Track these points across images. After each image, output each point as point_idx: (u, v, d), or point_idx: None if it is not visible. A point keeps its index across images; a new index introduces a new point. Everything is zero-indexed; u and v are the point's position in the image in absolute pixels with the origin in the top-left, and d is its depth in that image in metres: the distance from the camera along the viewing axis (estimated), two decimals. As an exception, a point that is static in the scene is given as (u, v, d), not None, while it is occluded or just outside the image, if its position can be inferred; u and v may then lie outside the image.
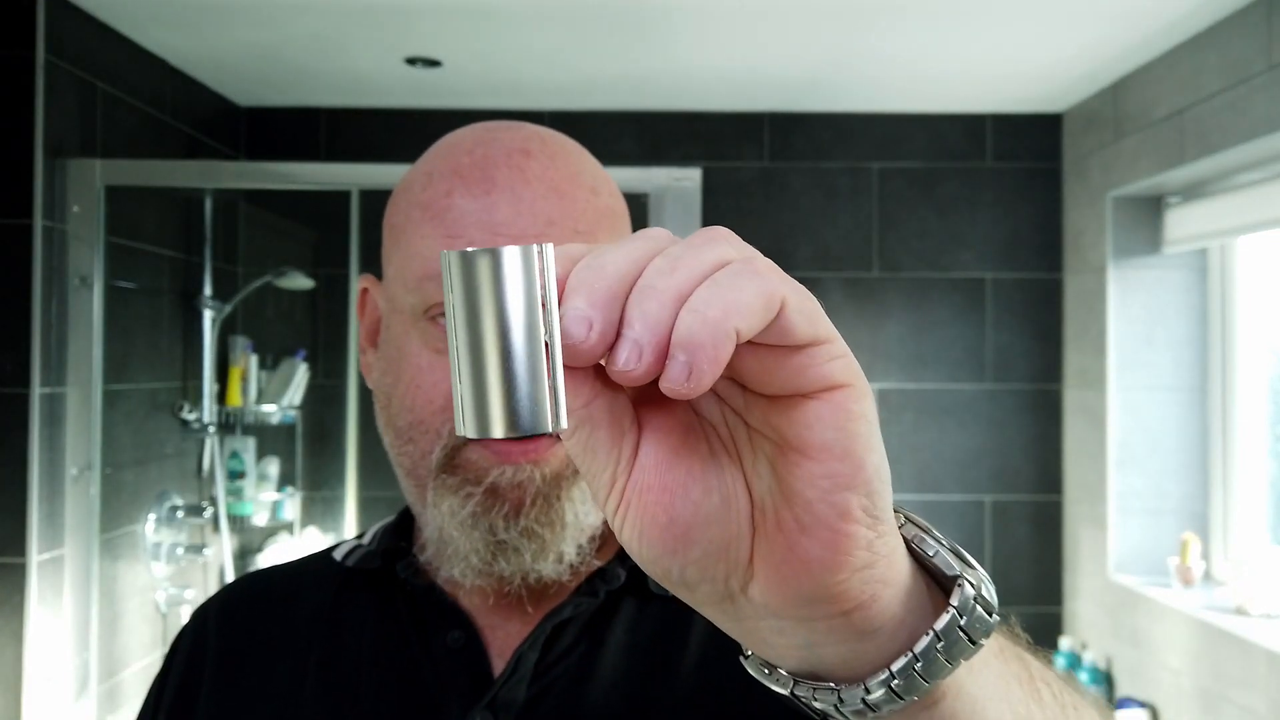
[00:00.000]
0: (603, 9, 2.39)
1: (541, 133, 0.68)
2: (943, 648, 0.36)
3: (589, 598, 0.68)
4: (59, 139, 2.25)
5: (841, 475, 0.33)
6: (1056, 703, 0.44)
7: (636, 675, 0.66)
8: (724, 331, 0.30)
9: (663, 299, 0.31)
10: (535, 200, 0.63)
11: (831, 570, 0.34)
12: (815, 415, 0.33)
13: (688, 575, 0.35)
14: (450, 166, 0.65)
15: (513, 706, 0.64)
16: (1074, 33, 2.52)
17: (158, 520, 2.62)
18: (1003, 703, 0.40)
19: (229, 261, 3.02)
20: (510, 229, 0.62)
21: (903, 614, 0.36)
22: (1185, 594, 2.61)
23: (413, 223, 0.65)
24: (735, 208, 3.24)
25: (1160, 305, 2.89)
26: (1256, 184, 2.50)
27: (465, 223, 0.62)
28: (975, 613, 0.36)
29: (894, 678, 0.36)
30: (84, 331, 2.27)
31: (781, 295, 0.33)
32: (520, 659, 0.65)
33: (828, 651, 0.36)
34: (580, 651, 0.66)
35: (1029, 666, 0.44)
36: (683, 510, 0.34)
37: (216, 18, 2.47)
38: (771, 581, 0.35)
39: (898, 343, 3.24)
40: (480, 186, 0.63)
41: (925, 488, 3.23)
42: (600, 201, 0.66)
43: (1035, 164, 3.25)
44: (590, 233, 0.64)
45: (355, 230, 2.72)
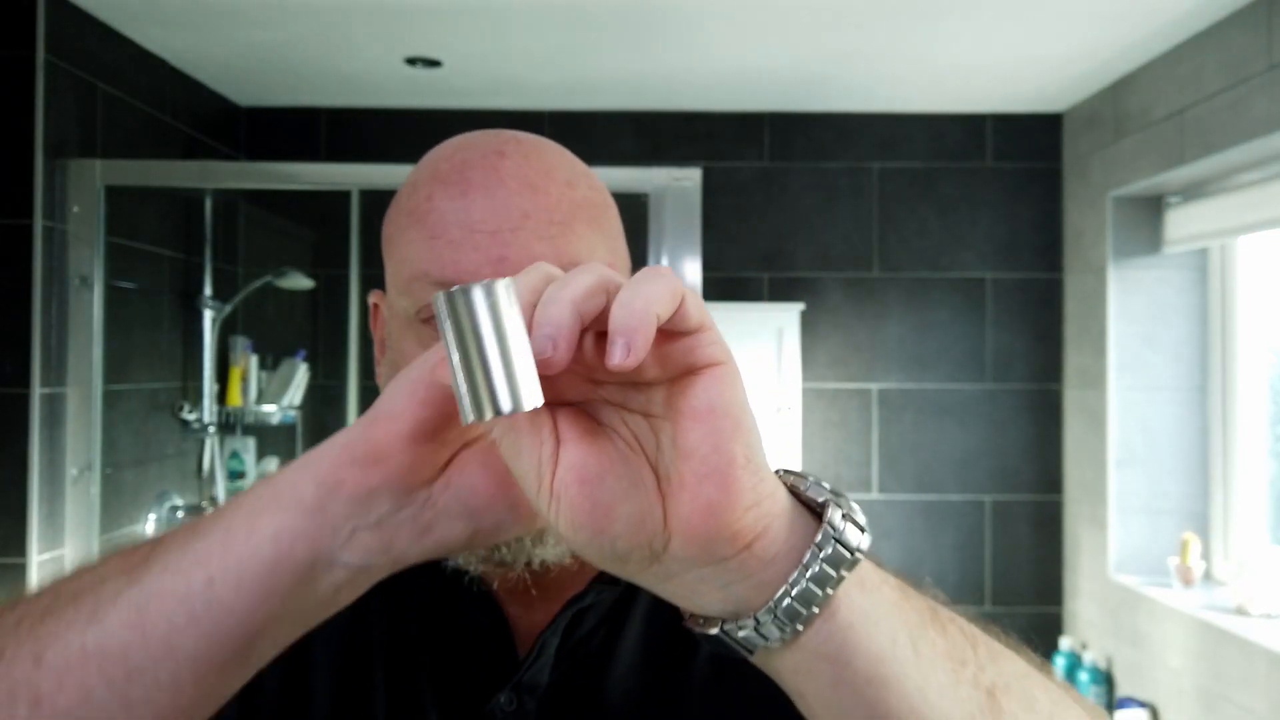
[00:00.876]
0: (603, 9, 2.39)
1: (519, 135, 0.70)
2: (826, 558, 0.44)
3: (610, 585, 0.70)
4: (59, 139, 2.25)
5: (725, 430, 0.42)
6: (967, 640, 0.49)
7: (655, 661, 0.69)
8: (649, 315, 0.39)
9: (563, 305, 0.40)
10: (509, 197, 0.65)
11: (727, 509, 0.42)
12: (706, 384, 0.42)
13: (618, 548, 0.43)
14: (430, 174, 0.67)
15: (537, 689, 0.67)
16: (1074, 33, 2.52)
17: (158, 520, 2.62)
18: (896, 620, 0.46)
19: (229, 261, 3.02)
20: (486, 225, 0.64)
21: (794, 541, 0.44)
22: (1185, 594, 2.61)
23: (400, 230, 0.68)
24: (735, 208, 3.24)
25: (1160, 305, 2.89)
26: (1256, 184, 2.50)
27: (445, 223, 0.65)
28: (847, 529, 0.44)
29: (792, 588, 0.44)
30: (84, 332, 2.27)
31: (681, 291, 0.41)
32: (544, 643, 0.68)
33: (741, 587, 0.44)
34: (601, 637, 0.70)
35: (938, 611, 0.50)
36: (601, 495, 0.43)
37: (217, 18, 2.47)
38: (684, 534, 0.43)
39: (898, 343, 3.24)
40: (457, 188, 0.65)
41: (925, 488, 3.23)
42: (576, 194, 0.67)
43: (1035, 164, 3.25)
44: (566, 224, 0.66)
45: (355, 230, 2.72)
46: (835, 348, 3.23)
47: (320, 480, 0.46)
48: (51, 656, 0.45)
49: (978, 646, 0.50)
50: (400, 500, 0.46)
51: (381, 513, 0.46)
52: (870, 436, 3.24)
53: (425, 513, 0.47)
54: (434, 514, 0.47)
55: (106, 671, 0.45)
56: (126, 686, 0.45)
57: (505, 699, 0.67)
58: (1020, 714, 0.49)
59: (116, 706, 0.45)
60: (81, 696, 0.45)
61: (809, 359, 3.19)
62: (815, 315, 3.20)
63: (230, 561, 0.46)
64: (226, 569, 0.46)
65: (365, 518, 0.46)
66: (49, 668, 0.45)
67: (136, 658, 0.45)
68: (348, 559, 0.46)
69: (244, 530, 0.46)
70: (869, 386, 3.24)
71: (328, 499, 0.46)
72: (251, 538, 0.46)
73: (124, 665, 0.45)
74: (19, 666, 0.45)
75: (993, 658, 0.51)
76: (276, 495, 0.47)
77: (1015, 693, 0.49)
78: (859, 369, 3.24)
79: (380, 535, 0.47)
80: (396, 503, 0.46)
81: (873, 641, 0.45)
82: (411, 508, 0.47)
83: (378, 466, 0.46)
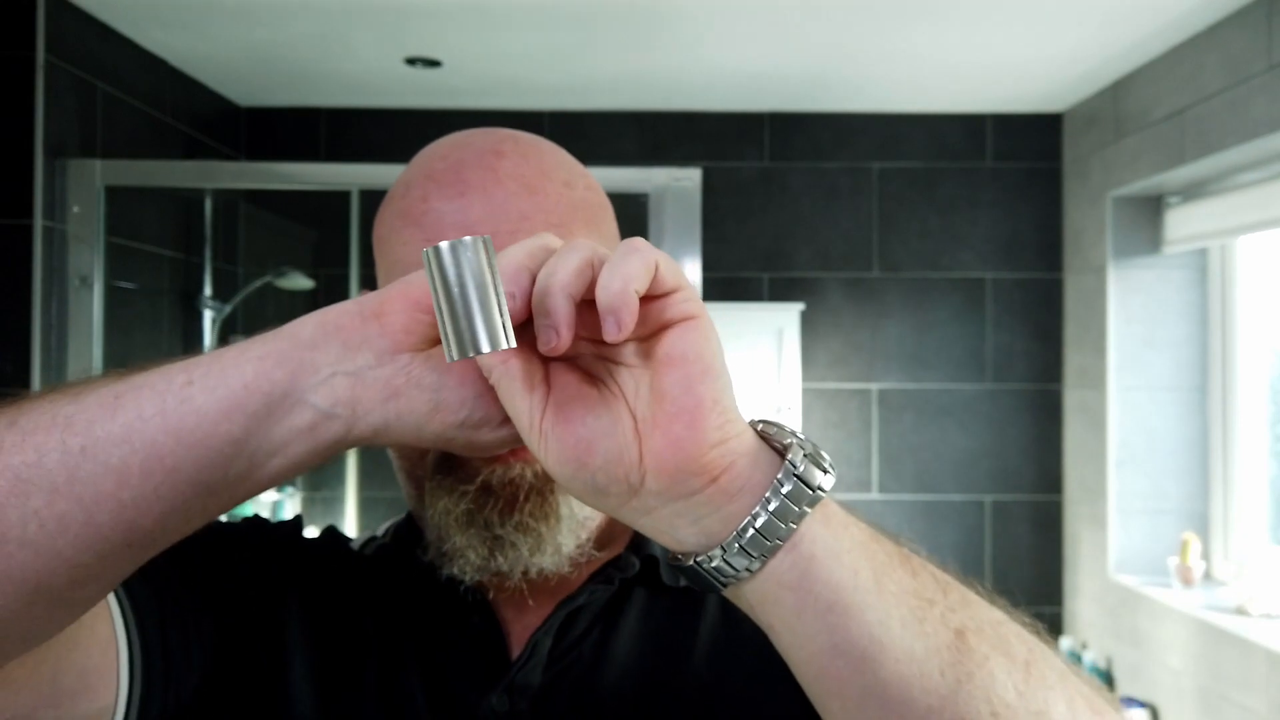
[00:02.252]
0: (603, 9, 2.40)
1: (515, 134, 0.69)
2: (787, 493, 0.47)
3: (603, 585, 0.70)
4: (59, 139, 2.25)
5: (695, 374, 0.46)
6: (938, 585, 0.51)
7: (648, 662, 0.69)
8: (629, 294, 0.44)
9: (558, 297, 0.45)
10: (507, 198, 0.64)
11: (694, 444, 0.46)
12: (678, 335, 0.47)
13: (598, 480, 0.48)
14: (425, 173, 0.67)
15: (529, 689, 0.67)
16: (1074, 33, 2.53)
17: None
18: (860, 555, 0.49)
19: (229, 262, 3.02)
20: (484, 227, 0.64)
21: (758, 478, 0.48)
22: (1185, 594, 2.61)
23: (394, 231, 0.67)
24: (735, 208, 3.24)
25: (1160, 305, 2.89)
26: (1256, 184, 2.50)
27: (442, 225, 0.64)
28: (809, 468, 0.48)
29: (755, 520, 0.47)
30: (84, 332, 2.27)
31: (654, 260, 0.45)
32: (536, 644, 0.68)
33: (711, 520, 0.48)
34: (594, 638, 0.69)
35: (910, 557, 0.52)
36: (583, 432, 0.48)
37: (217, 18, 2.47)
38: (656, 468, 0.47)
39: (897, 343, 3.24)
40: (454, 189, 0.65)
41: (925, 488, 3.23)
42: (574, 194, 0.67)
43: (1035, 164, 3.25)
44: (564, 224, 0.65)
45: (355, 230, 2.72)
46: (835, 348, 3.24)
47: (322, 321, 0.49)
48: (24, 421, 0.47)
49: (949, 591, 0.51)
50: (382, 358, 0.49)
51: (362, 364, 0.49)
52: (870, 436, 3.24)
53: (398, 377, 0.49)
54: (405, 380, 0.49)
55: (66, 439, 0.46)
56: (79, 458, 0.46)
57: (497, 700, 0.66)
58: (991, 655, 0.49)
59: (62, 476, 0.45)
60: (36, 458, 0.45)
61: (809, 359, 3.19)
62: (815, 315, 3.20)
63: (214, 369, 0.48)
64: (209, 375, 0.48)
65: (346, 364, 0.49)
66: (18, 429, 0.47)
67: (98, 432, 0.46)
68: (316, 400, 0.48)
69: (236, 350, 0.49)
70: (869, 386, 3.24)
71: (322, 339, 0.49)
72: (240, 355, 0.49)
73: (84, 437, 0.46)
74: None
75: (966, 603, 0.51)
76: (279, 331, 0.50)
77: (988, 635, 0.50)
78: (859, 369, 3.24)
79: (352, 386, 0.49)
80: (379, 358, 0.49)
81: (833, 573, 0.48)
82: (389, 368, 0.49)
83: (377, 320, 0.49)
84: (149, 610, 0.62)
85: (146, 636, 0.61)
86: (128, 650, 0.60)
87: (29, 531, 0.45)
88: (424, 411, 0.50)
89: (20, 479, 0.45)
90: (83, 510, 0.46)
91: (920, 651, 0.48)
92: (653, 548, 0.73)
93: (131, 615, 0.61)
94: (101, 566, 0.47)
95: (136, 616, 0.61)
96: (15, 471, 0.45)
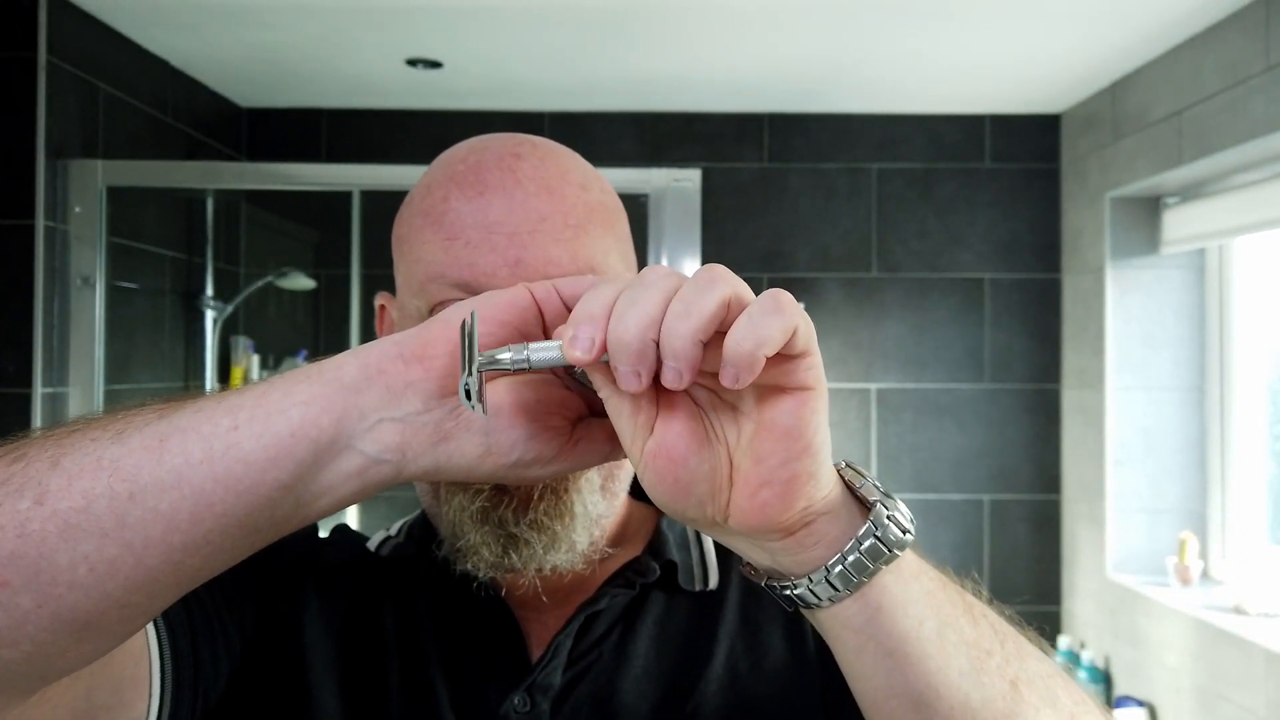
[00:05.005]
0: (603, 10, 2.40)
1: (533, 139, 0.70)
2: (865, 549, 0.49)
3: (624, 589, 0.71)
4: (61, 140, 2.26)
5: (795, 451, 0.47)
6: (996, 635, 0.53)
7: (667, 664, 0.70)
8: (757, 357, 0.44)
9: (687, 341, 0.44)
10: (527, 199, 0.65)
11: (779, 513, 0.48)
12: (791, 406, 0.47)
13: (687, 514, 0.50)
14: (446, 175, 0.67)
15: (549, 690, 0.68)
16: (1072, 33, 2.53)
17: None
18: (926, 607, 0.51)
19: (230, 262, 3.03)
20: (503, 227, 0.64)
21: (836, 533, 0.50)
22: (1183, 593, 2.61)
23: (415, 230, 0.68)
24: (735, 208, 3.25)
25: (1158, 305, 2.90)
26: (1254, 184, 2.50)
27: (462, 224, 0.65)
28: (889, 528, 0.49)
29: (828, 572, 0.49)
30: (86, 332, 2.28)
31: (795, 324, 0.45)
32: (557, 646, 0.69)
33: (785, 560, 0.51)
34: (613, 640, 0.70)
35: (973, 606, 0.54)
36: (681, 475, 0.49)
37: (218, 19, 2.48)
38: (739, 519, 0.49)
39: (896, 343, 3.25)
40: (474, 189, 0.65)
41: (924, 487, 3.23)
42: (590, 197, 0.68)
43: (1034, 164, 3.26)
44: (581, 226, 0.66)
45: (356, 231, 2.72)
46: (834, 347, 3.24)
47: (364, 364, 0.49)
48: (68, 463, 0.46)
49: (1006, 642, 0.53)
50: (430, 402, 0.49)
51: (409, 410, 0.49)
52: (869, 436, 3.24)
53: (448, 421, 0.49)
54: (455, 424, 0.49)
55: (113, 485, 0.46)
56: (128, 504, 0.46)
57: (519, 701, 0.67)
58: (1041, 707, 0.51)
59: (111, 522, 0.45)
60: (84, 503, 0.45)
61: (808, 359, 3.19)
62: (814, 315, 3.19)
63: (259, 414, 0.48)
64: (254, 419, 0.47)
65: (393, 410, 0.49)
66: (63, 470, 0.46)
67: (145, 478, 0.46)
68: (364, 446, 0.48)
69: (280, 393, 0.48)
70: (868, 386, 3.25)
71: (365, 383, 0.48)
72: (284, 399, 0.48)
73: (131, 483, 0.46)
74: (35, 465, 0.46)
75: (1020, 655, 0.54)
76: (320, 371, 0.49)
77: (1038, 688, 0.52)
78: (858, 369, 3.25)
79: (401, 431, 0.49)
80: (426, 404, 0.49)
81: (897, 623, 0.50)
82: (438, 412, 0.49)
83: (420, 364, 0.49)
84: (178, 618, 0.62)
85: (177, 644, 0.62)
86: (159, 659, 0.60)
87: (79, 575, 0.45)
88: (475, 455, 0.50)
89: (69, 525, 0.45)
90: (132, 555, 0.46)
91: (976, 701, 0.50)
92: (671, 552, 0.74)
93: (162, 624, 0.61)
94: (150, 604, 0.48)
95: (167, 625, 0.61)
96: (64, 517, 0.45)
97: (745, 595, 0.74)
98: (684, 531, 0.77)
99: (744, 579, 0.73)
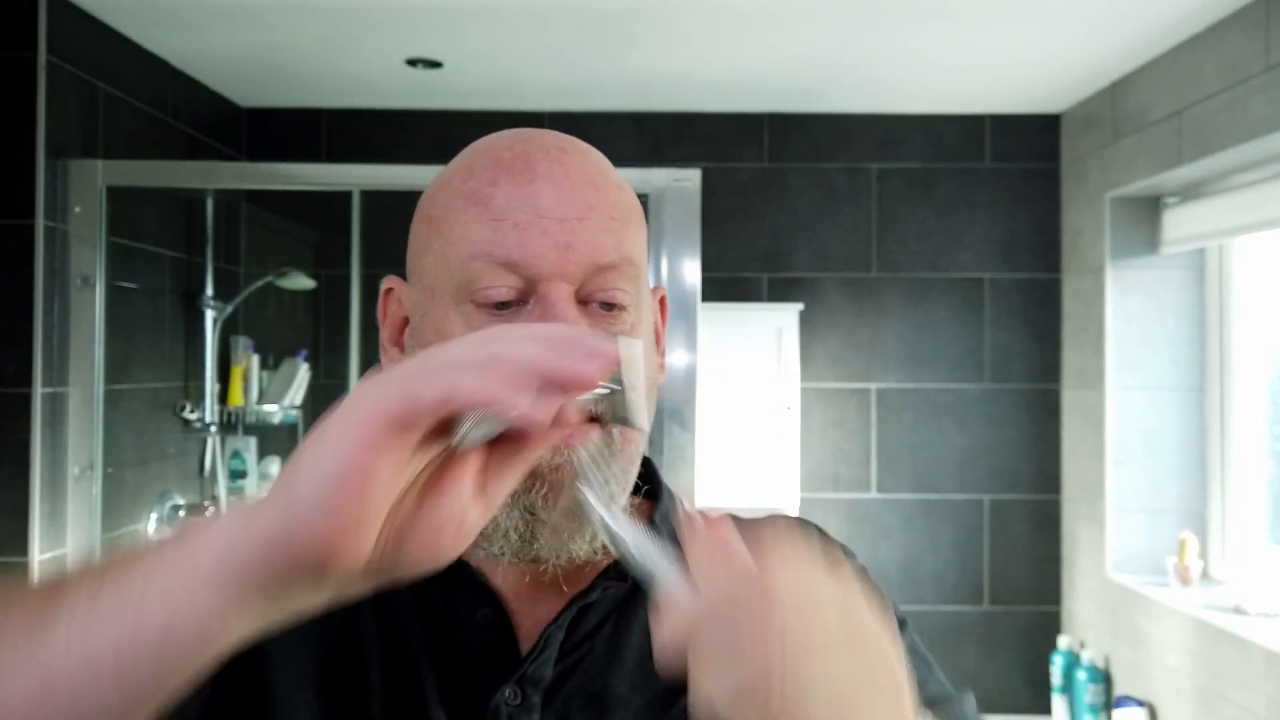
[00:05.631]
0: (603, 10, 2.40)
1: (572, 138, 0.72)
2: None
3: (617, 582, 0.71)
4: (61, 140, 2.26)
5: None
6: None
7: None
8: None
9: None
10: (575, 189, 0.66)
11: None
12: None
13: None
14: (491, 159, 0.68)
15: (541, 682, 0.67)
16: (1072, 33, 2.53)
17: (159, 520, 2.63)
18: None
19: (230, 262, 3.03)
20: (554, 213, 0.65)
21: None
22: (1183, 593, 2.61)
23: (455, 211, 0.67)
24: (735, 208, 3.25)
25: (1158, 305, 2.90)
26: (1254, 184, 2.50)
27: (511, 206, 0.65)
28: None
29: None
30: (86, 331, 2.28)
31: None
32: (549, 638, 0.69)
33: None
34: (606, 633, 0.70)
35: None
36: None
37: (218, 19, 2.48)
38: None
39: (896, 343, 3.25)
40: (524, 175, 0.66)
41: (924, 487, 3.23)
42: (627, 198, 0.71)
43: (1034, 164, 3.26)
44: (623, 220, 0.68)
45: (356, 230, 2.72)
46: (834, 348, 3.24)
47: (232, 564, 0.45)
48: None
49: None
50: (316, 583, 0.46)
51: (294, 591, 0.46)
52: (869, 436, 3.24)
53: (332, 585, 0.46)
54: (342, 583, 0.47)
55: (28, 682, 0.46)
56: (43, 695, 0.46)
57: (510, 693, 0.67)
58: None
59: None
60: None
61: (808, 359, 3.20)
62: (814, 315, 3.21)
63: (129, 628, 0.45)
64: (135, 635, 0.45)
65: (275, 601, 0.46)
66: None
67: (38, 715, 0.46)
68: (244, 629, 0.46)
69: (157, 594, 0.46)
70: (868, 386, 3.25)
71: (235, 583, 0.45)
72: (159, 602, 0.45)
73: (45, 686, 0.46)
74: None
75: None
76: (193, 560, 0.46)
77: None
78: (858, 369, 3.25)
79: (284, 607, 0.46)
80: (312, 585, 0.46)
81: None
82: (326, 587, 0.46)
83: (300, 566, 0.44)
84: None
85: None
86: None
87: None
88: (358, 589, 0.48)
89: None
90: None
91: None
92: (667, 545, 0.73)
93: None
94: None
95: None
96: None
97: None
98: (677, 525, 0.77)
99: None
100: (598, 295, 0.66)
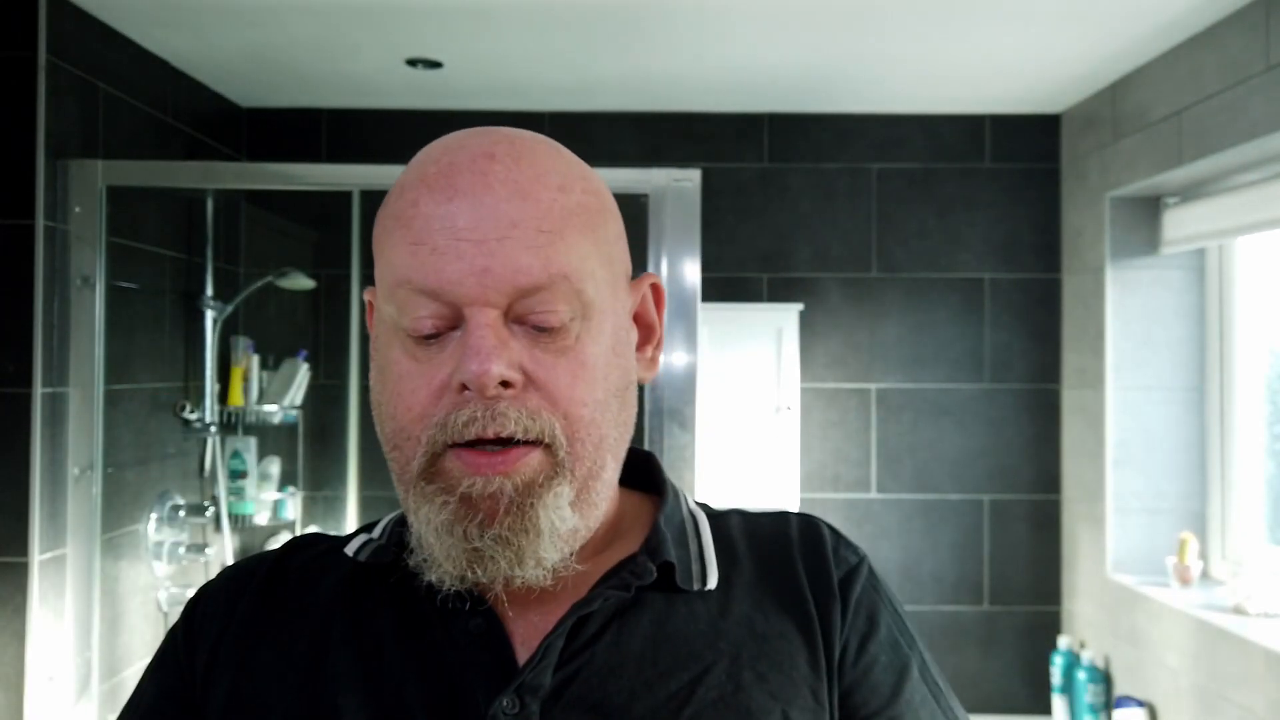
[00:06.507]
0: (603, 10, 2.40)
1: (511, 135, 0.68)
2: None
3: (618, 591, 0.69)
4: (61, 140, 2.26)
5: None
6: None
7: (663, 667, 0.68)
8: None
9: None
10: (497, 204, 0.63)
11: None
12: None
13: None
14: (418, 176, 0.66)
15: (539, 691, 0.66)
16: (1072, 33, 2.53)
17: (159, 520, 2.63)
18: None
19: (230, 262, 3.03)
20: (472, 234, 0.63)
21: None
22: (1183, 593, 2.61)
23: (386, 233, 0.66)
24: (735, 208, 3.25)
25: (1158, 305, 2.90)
26: (1254, 184, 2.50)
27: (429, 229, 0.63)
28: None
29: None
30: (86, 331, 2.28)
31: None
32: (548, 646, 0.67)
33: None
34: (607, 641, 0.69)
35: None
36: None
37: (218, 19, 2.48)
38: None
39: (896, 343, 3.25)
40: (444, 194, 0.64)
41: (924, 487, 3.23)
42: (569, 200, 0.66)
43: (1034, 164, 3.26)
44: (556, 231, 0.64)
45: (356, 231, 2.73)
46: (834, 348, 3.24)
47: None
48: None
49: None
50: None
51: None
52: (869, 436, 3.25)
53: None
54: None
55: None
56: None
57: (508, 702, 0.66)
58: None
59: None
60: None
61: (808, 359, 3.20)
62: (814, 315, 3.21)
63: None
64: None
65: None
66: None
67: None
68: None
69: None
70: (868, 386, 3.25)
71: None
72: None
73: None
74: None
75: None
76: None
77: None
78: (858, 369, 3.25)
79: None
80: None
81: None
82: None
83: None
84: None
85: None
86: None
87: None
88: None
89: None
90: None
91: None
92: (669, 551, 0.72)
93: None
94: None
95: None
96: None
97: (749, 598, 0.72)
98: (681, 527, 0.75)
99: (746, 579, 0.73)
100: (528, 319, 0.64)
